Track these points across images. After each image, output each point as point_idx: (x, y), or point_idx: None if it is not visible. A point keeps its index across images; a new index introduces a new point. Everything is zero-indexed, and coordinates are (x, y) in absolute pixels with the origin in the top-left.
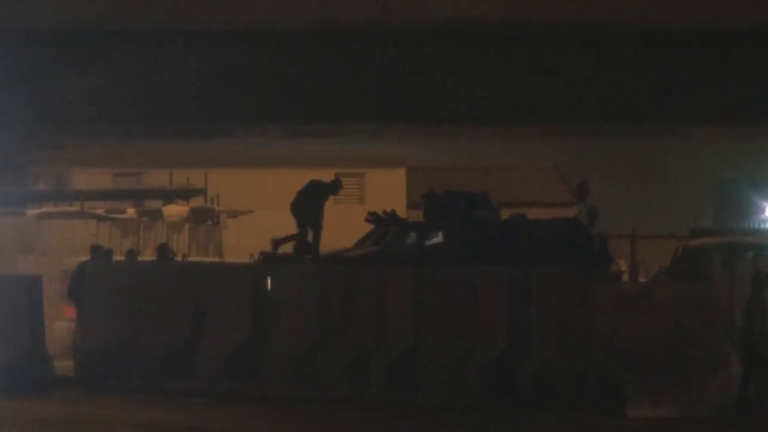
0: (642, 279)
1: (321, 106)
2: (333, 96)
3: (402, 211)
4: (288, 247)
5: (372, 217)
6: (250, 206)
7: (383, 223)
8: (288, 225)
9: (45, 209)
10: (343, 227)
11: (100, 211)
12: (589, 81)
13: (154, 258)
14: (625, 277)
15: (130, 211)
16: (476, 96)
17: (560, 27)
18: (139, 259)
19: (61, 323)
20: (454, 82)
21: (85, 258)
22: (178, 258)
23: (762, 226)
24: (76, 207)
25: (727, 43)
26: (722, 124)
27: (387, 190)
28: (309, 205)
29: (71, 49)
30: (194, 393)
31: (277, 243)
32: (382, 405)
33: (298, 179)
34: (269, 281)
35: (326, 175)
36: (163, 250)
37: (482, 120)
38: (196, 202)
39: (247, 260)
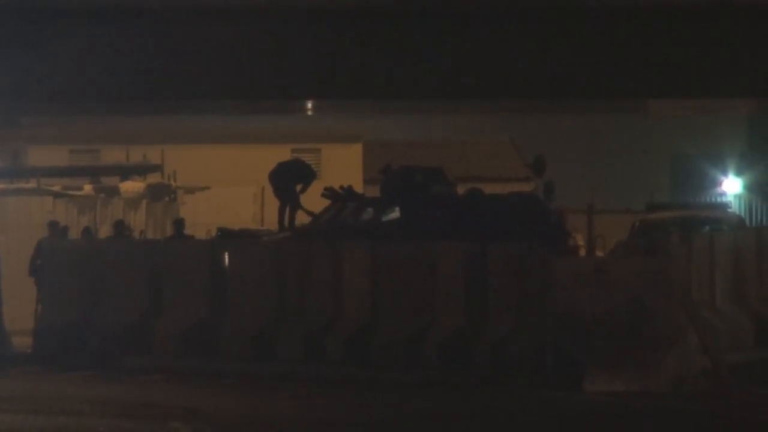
0: (599, 253)
1: (277, 82)
2: (289, 72)
3: (359, 187)
4: (247, 223)
5: (328, 193)
6: (206, 182)
7: (340, 198)
8: (243, 202)
9: (1, 186)
10: None
11: (56, 188)
12: (545, 56)
13: (111, 234)
14: (582, 252)
15: (87, 188)
16: (432, 71)
17: (516, 2)
18: (97, 235)
19: None
20: (411, 58)
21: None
22: (135, 234)
23: (718, 199)
24: (32, 184)
25: (683, 17)
26: (678, 99)
27: (343, 165)
28: (287, 181)
29: (27, 27)
30: (152, 369)
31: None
32: (339, 380)
33: (255, 155)
34: (226, 257)
35: (283, 151)
36: (120, 226)
37: (438, 95)
38: (153, 178)
39: (204, 236)
